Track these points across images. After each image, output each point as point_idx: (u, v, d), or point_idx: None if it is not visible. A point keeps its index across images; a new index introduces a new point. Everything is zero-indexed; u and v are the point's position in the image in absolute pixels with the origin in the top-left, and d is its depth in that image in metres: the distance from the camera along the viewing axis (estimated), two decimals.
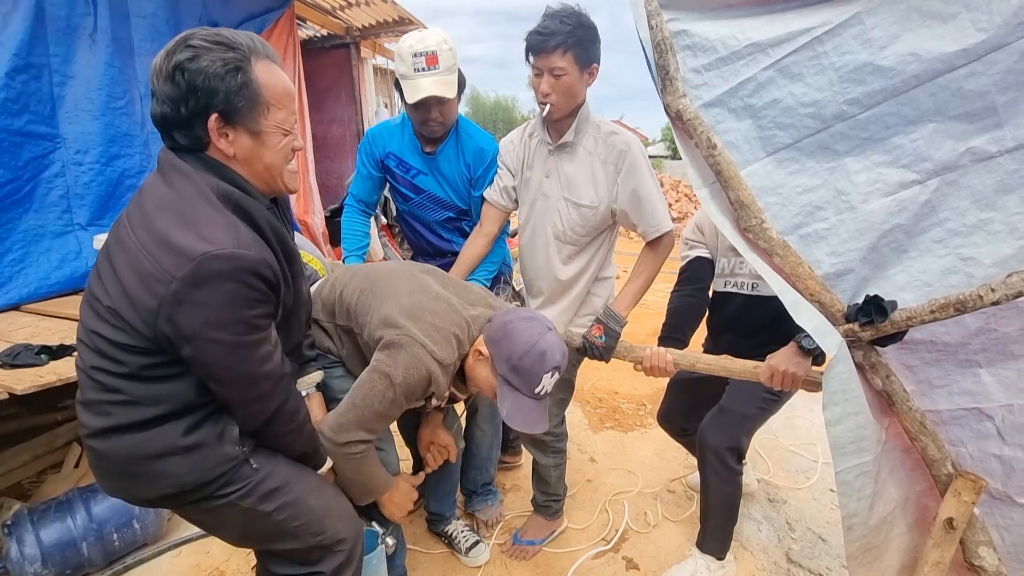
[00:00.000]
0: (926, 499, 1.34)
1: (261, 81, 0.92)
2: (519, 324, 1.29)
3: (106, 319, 0.92)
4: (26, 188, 2.49)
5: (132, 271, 0.88)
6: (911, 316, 1.13)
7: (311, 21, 4.92)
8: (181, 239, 0.86)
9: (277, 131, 0.97)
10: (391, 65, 6.95)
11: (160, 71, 0.89)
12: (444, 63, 1.63)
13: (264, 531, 1.11)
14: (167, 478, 0.98)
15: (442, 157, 1.82)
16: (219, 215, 0.91)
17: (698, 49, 1.26)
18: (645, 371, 1.57)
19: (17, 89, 2.42)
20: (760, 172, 1.26)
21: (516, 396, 1.28)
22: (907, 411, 1.22)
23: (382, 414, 1.27)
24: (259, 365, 0.97)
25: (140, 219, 0.91)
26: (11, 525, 1.72)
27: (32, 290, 2.50)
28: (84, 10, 2.70)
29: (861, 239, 1.21)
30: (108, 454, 0.98)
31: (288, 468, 1.13)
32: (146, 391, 0.95)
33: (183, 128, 0.92)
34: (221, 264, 0.86)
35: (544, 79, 1.51)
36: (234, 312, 0.89)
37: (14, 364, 1.80)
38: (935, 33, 1.06)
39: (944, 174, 1.13)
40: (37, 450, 2.30)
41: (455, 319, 1.32)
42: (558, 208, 1.65)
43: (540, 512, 2.05)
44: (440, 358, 1.25)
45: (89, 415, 0.97)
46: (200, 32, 0.91)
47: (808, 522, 2.14)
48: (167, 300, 0.85)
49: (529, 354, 1.24)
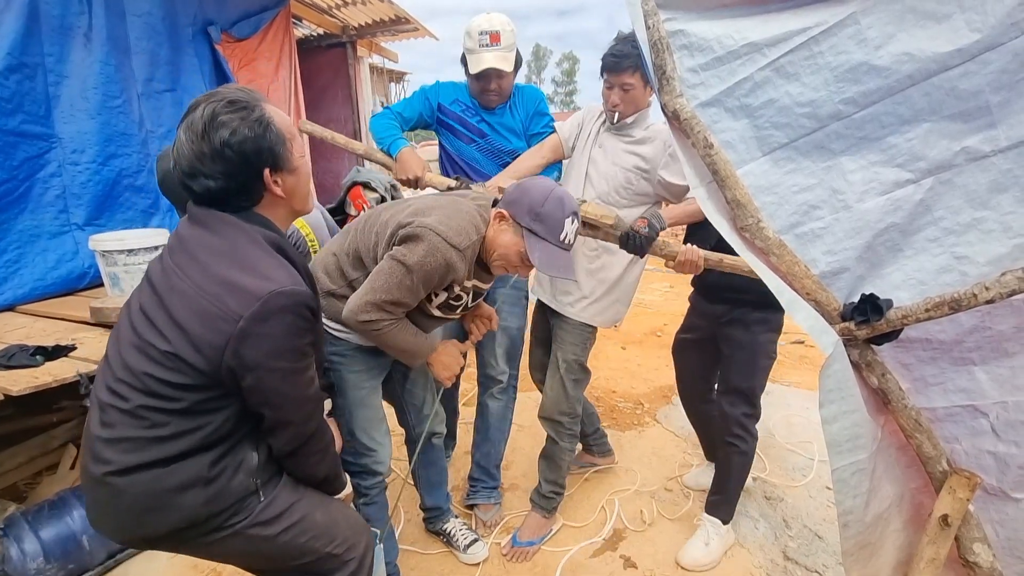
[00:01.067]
0: (921, 496, 1.35)
1: (276, 123, 0.99)
2: (530, 182, 1.42)
3: (162, 363, 0.96)
4: (21, 188, 2.47)
5: (194, 315, 0.94)
6: (906, 315, 1.14)
7: (307, 20, 4.91)
8: (245, 281, 0.95)
9: (300, 158, 1.05)
10: (388, 64, 6.94)
11: (203, 154, 0.94)
12: (505, 41, 1.87)
13: (271, 554, 1.13)
14: (182, 511, 1.01)
15: (500, 113, 2.04)
16: (273, 259, 1.00)
17: (695, 49, 1.26)
18: (677, 267, 1.68)
19: (11, 88, 2.40)
20: (756, 171, 1.27)
21: (544, 245, 1.35)
22: (902, 409, 1.23)
23: (400, 301, 1.33)
24: (306, 388, 1.06)
25: (195, 267, 0.98)
26: (5, 528, 1.71)
27: (27, 291, 2.49)
28: (78, 9, 2.68)
29: (857, 238, 1.21)
30: (125, 490, 0.98)
31: (290, 493, 1.15)
32: (193, 423, 0.99)
33: (243, 193, 1.00)
34: (284, 300, 0.95)
35: (615, 91, 1.80)
36: (291, 342, 0.99)
37: (9, 365, 1.79)
38: (929, 33, 1.07)
39: (938, 173, 1.13)
40: (32, 452, 2.29)
41: (465, 207, 1.40)
42: (606, 173, 1.89)
43: (539, 508, 2.07)
44: (456, 243, 1.31)
45: (116, 452, 0.98)
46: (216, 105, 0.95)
47: (804, 519, 2.15)
48: (235, 336, 0.93)
49: (549, 199, 1.34)
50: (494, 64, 1.85)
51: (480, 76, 1.88)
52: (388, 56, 6.28)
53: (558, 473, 2.04)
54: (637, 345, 4.04)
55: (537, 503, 2.08)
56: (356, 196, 3.53)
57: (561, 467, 2.04)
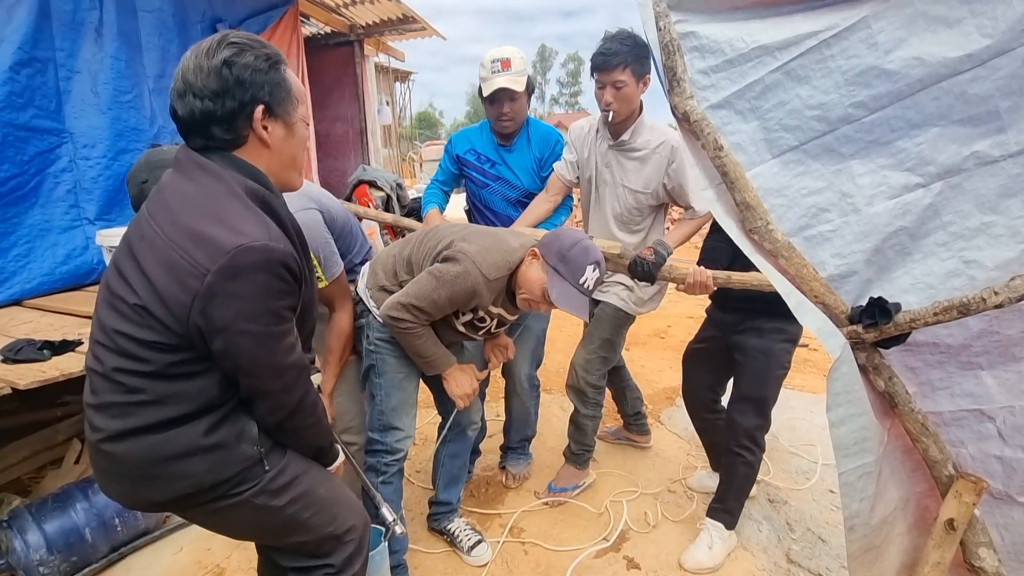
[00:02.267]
0: (927, 500, 1.35)
1: (289, 78, 0.98)
2: (565, 230, 1.61)
3: (131, 318, 0.91)
4: (32, 183, 2.49)
5: (162, 267, 0.89)
6: (914, 318, 1.14)
7: (315, 18, 4.92)
8: (215, 233, 0.87)
9: (303, 123, 1.02)
10: (394, 63, 6.96)
11: (200, 68, 0.89)
12: (515, 67, 2.02)
13: (276, 526, 1.12)
14: (186, 479, 0.98)
15: (515, 148, 2.17)
16: (250, 211, 0.92)
17: (706, 51, 1.26)
18: (687, 288, 1.74)
19: (22, 83, 2.42)
20: (766, 174, 1.27)
21: (563, 284, 1.48)
22: (909, 412, 1.23)
23: (426, 309, 1.50)
24: (285, 356, 0.98)
25: (167, 216, 0.92)
26: (9, 520, 1.72)
27: (35, 285, 2.51)
28: (90, 4, 2.70)
29: (865, 241, 1.22)
30: (124, 457, 0.96)
31: (297, 462, 1.13)
32: (170, 389, 0.95)
33: (225, 122, 0.93)
34: (255, 256, 0.87)
35: (607, 91, 1.82)
36: (266, 303, 0.91)
37: (16, 359, 1.80)
38: (940, 38, 1.07)
39: (948, 178, 1.14)
40: (37, 446, 2.30)
41: (508, 245, 1.57)
42: (617, 194, 2.00)
43: (572, 461, 2.31)
44: (487, 273, 1.49)
45: (104, 418, 0.96)
46: (233, 32, 0.94)
47: (808, 523, 2.15)
48: (201, 293, 0.86)
49: (576, 246, 1.49)
50: (504, 85, 1.99)
51: (493, 99, 2.03)
52: (395, 55, 6.29)
53: (584, 435, 2.26)
54: (640, 347, 4.04)
55: (569, 458, 2.32)
56: (362, 194, 3.54)
57: (587, 431, 2.26)
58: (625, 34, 1.80)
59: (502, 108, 2.04)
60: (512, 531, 2.09)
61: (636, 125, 1.92)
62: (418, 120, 35.53)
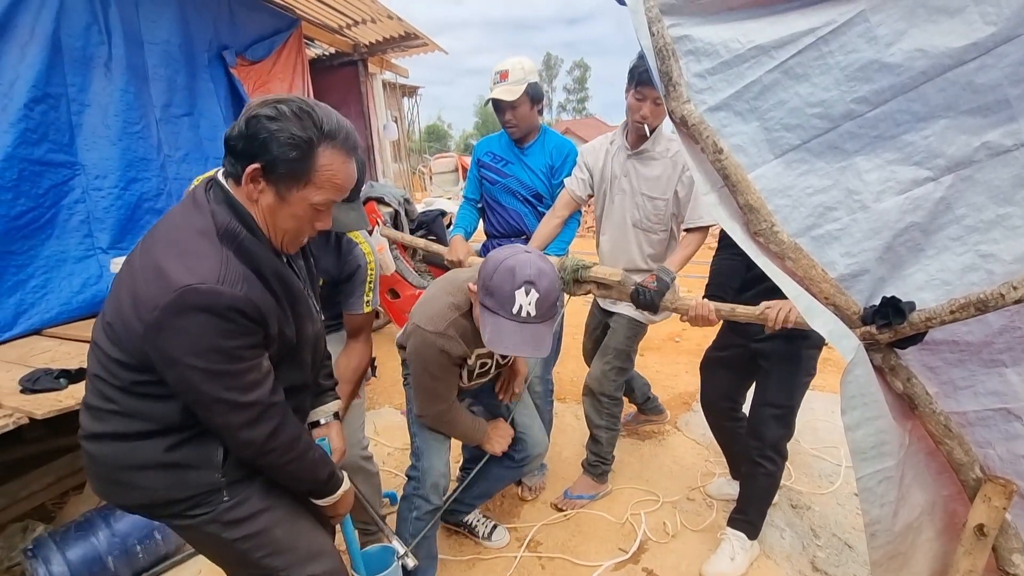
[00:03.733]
0: (954, 504, 1.30)
1: (318, 163, 0.97)
2: (496, 252, 1.35)
3: (107, 333, 0.99)
4: (47, 215, 2.55)
5: (129, 294, 0.94)
6: (931, 317, 1.10)
7: (319, 40, 5.00)
8: (170, 269, 0.90)
9: (305, 205, 1.00)
10: (399, 79, 7.04)
11: (249, 109, 0.97)
12: (513, 77, 2.12)
13: (227, 557, 1.15)
14: (142, 489, 1.04)
15: (529, 152, 2.29)
16: (212, 250, 0.93)
17: (701, 54, 1.25)
18: (690, 321, 1.71)
19: (36, 119, 2.49)
20: (769, 175, 1.25)
21: (495, 319, 1.28)
22: (930, 414, 1.19)
23: (438, 390, 1.49)
24: (242, 393, 0.97)
25: (148, 245, 0.97)
26: (34, 549, 1.74)
27: (54, 315, 2.56)
28: (99, 39, 2.77)
29: (876, 239, 1.18)
30: (97, 458, 1.04)
31: (259, 500, 1.11)
32: (135, 406, 1.00)
33: (232, 157, 0.99)
34: (198, 298, 0.89)
35: (646, 104, 1.85)
36: (211, 341, 0.92)
37: (34, 389, 1.83)
38: (942, 28, 1.05)
39: (959, 170, 1.10)
40: (60, 472, 2.34)
41: (447, 288, 1.47)
42: (636, 201, 2.03)
43: (588, 472, 2.31)
44: (437, 330, 1.41)
45: (87, 418, 1.04)
46: (298, 101, 0.97)
47: (833, 528, 2.08)
48: (151, 325, 0.90)
49: (497, 271, 1.27)
50: (498, 96, 2.12)
51: (495, 108, 2.20)
52: (399, 72, 6.37)
53: (600, 447, 2.26)
54: (655, 352, 3.99)
55: (586, 469, 2.32)
56: (370, 211, 3.57)
57: (602, 442, 2.25)
58: None
59: (504, 116, 2.19)
60: (529, 545, 2.06)
61: (655, 135, 1.95)
62: (427, 133, 35.90)
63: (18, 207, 2.42)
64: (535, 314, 1.27)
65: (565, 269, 1.84)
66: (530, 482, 2.38)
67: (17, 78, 2.42)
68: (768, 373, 1.82)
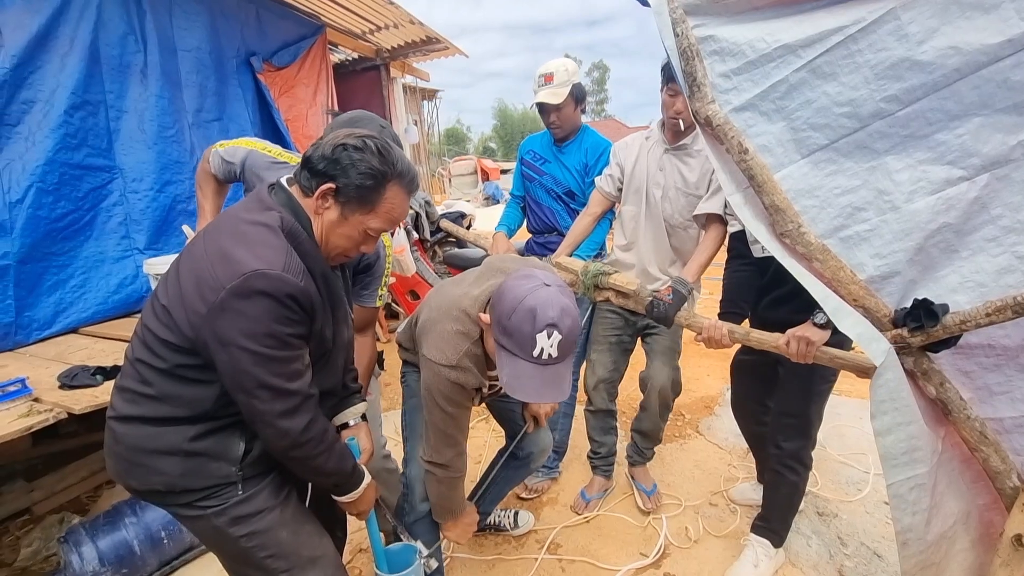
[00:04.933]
0: (990, 513, 1.26)
1: (384, 196, 1.07)
2: (512, 282, 1.21)
3: (159, 316, 1.03)
4: (87, 217, 2.66)
5: (192, 276, 0.98)
6: (965, 319, 1.07)
7: (343, 46, 5.09)
8: (238, 254, 0.96)
9: (361, 229, 1.09)
10: (420, 83, 7.12)
11: (336, 138, 1.07)
12: (557, 79, 2.17)
13: (231, 554, 1.15)
14: (161, 475, 1.06)
15: (567, 151, 2.34)
16: (278, 241, 1.01)
17: (726, 54, 1.24)
18: (704, 342, 1.66)
19: (76, 125, 2.59)
20: (795, 175, 1.23)
21: (514, 362, 1.18)
22: (965, 420, 1.16)
23: (449, 430, 1.40)
24: (287, 380, 1.01)
25: (214, 234, 1.03)
26: (66, 536, 1.81)
27: (91, 314, 2.66)
28: (135, 48, 2.88)
29: (907, 240, 1.16)
30: (121, 438, 1.07)
31: (267, 498, 1.13)
32: (173, 389, 1.04)
33: (309, 174, 1.07)
34: (265, 283, 0.94)
35: (679, 99, 1.80)
36: (268, 326, 0.96)
37: (72, 385, 1.90)
38: (976, 24, 1.02)
39: (994, 169, 1.07)
40: (93, 466, 2.42)
41: (452, 314, 1.34)
42: (670, 196, 1.98)
43: (598, 473, 2.36)
44: (449, 363, 1.30)
45: (119, 399, 1.08)
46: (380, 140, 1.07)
47: (861, 537, 2.03)
48: (215, 306, 0.94)
49: (517, 312, 1.15)
50: (543, 99, 2.18)
51: (540, 111, 2.25)
52: (420, 76, 6.44)
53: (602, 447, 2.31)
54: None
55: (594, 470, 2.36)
56: None
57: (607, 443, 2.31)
58: None
59: (548, 117, 2.24)
60: (549, 547, 2.06)
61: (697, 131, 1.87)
62: (446, 136, 36.18)
63: (59, 210, 2.52)
64: (556, 355, 1.17)
65: (587, 274, 1.82)
66: (531, 482, 2.37)
67: (58, 86, 2.52)
68: (784, 380, 1.77)
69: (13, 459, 2.32)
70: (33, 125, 2.44)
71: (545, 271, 1.29)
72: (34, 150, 2.43)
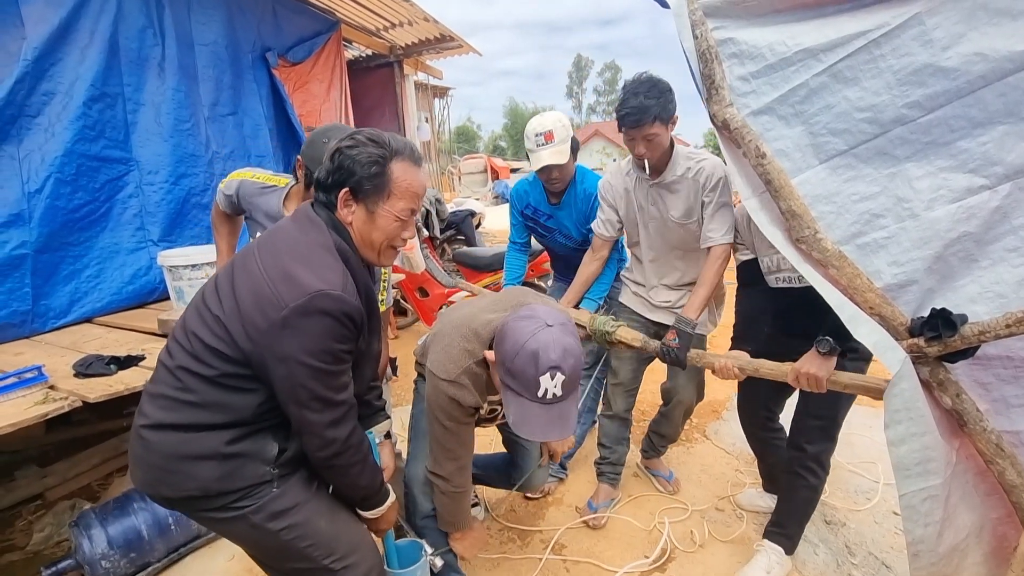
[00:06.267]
0: (1004, 527, 1.24)
1: (393, 176, 1.10)
2: (514, 323, 1.23)
3: (210, 326, 1.05)
4: (103, 208, 2.69)
5: (251, 293, 1.03)
6: (984, 330, 1.06)
7: (357, 42, 5.11)
8: (302, 275, 1.01)
9: (390, 216, 1.12)
10: (432, 80, 7.13)
11: (330, 150, 1.11)
12: (558, 137, 2.10)
13: (270, 548, 1.16)
14: (196, 480, 1.06)
15: (564, 205, 2.30)
16: (336, 263, 1.07)
17: (745, 57, 1.23)
18: (716, 375, 1.70)
19: (94, 117, 2.62)
20: (813, 180, 1.22)
21: (520, 402, 1.20)
22: (981, 432, 1.14)
23: (449, 444, 1.40)
24: (337, 392, 1.08)
25: (271, 253, 1.07)
26: (77, 521, 1.84)
27: (105, 304, 2.69)
28: (153, 41, 2.91)
29: (925, 248, 1.14)
30: (154, 446, 1.06)
31: (300, 491, 1.16)
32: (216, 397, 1.05)
33: (325, 191, 1.13)
34: (328, 303, 1.00)
35: (639, 143, 1.77)
36: (326, 343, 1.02)
37: (87, 374, 1.93)
38: (1004, 31, 1.01)
39: (1017, 178, 1.06)
40: (105, 454, 2.45)
41: (462, 331, 1.36)
42: (668, 227, 1.96)
43: (605, 481, 2.31)
44: (448, 377, 1.32)
45: (153, 407, 1.07)
46: (367, 130, 1.12)
47: (870, 546, 2.01)
48: (276, 323, 0.99)
49: (519, 355, 1.17)
50: (550, 161, 2.10)
51: (541, 171, 2.16)
52: (432, 73, 6.45)
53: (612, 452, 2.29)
54: None
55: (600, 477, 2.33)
56: None
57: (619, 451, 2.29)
58: (648, 84, 1.74)
59: (550, 175, 2.18)
60: (554, 548, 2.06)
61: (672, 162, 1.88)
62: (457, 134, 36.23)
63: (76, 200, 2.56)
64: (560, 394, 1.19)
65: (595, 332, 1.91)
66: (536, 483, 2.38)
67: (77, 78, 2.56)
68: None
69: (27, 445, 2.36)
70: (53, 116, 2.47)
71: (548, 308, 1.29)
72: (53, 141, 2.47)
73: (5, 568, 2.00)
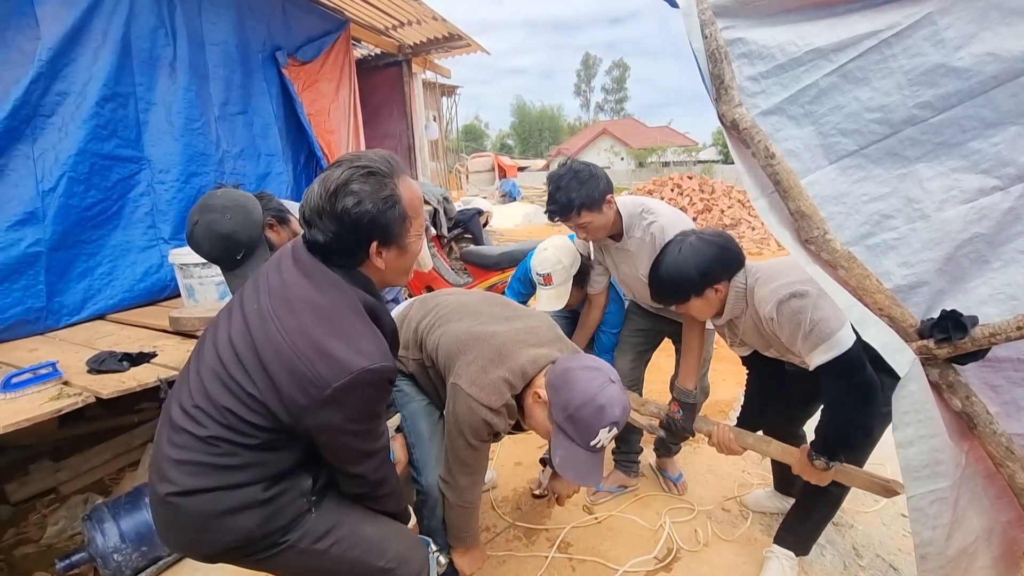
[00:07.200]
0: (1014, 530, 1.23)
1: (403, 199, 1.03)
2: (581, 373, 1.27)
3: (246, 403, 1.00)
4: (115, 207, 2.73)
5: (286, 371, 0.97)
6: (995, 332, 1.05)
7: (365, 41, 5.13)
8: (339, 352, 0.97)
9: (415, 237, 1.09)
10: (440, 79, 7.14)
11: (324, 211, 0.99)
12: (557, 279, 2.16)
13: (326, 567, 1.15)
14: (237, 532, 1.03)
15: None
16: (367, 328, 1.03)
17: (755, 57, 1.23)
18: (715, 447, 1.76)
19: (106, 116, 2.65)
20: (823, 181, 1.21)
21: (571, 446, 1.26)
22: (990, 435, 1.14)
23: (469, 460, 1.42)
24: (375, 442, 1.12)
25: (295, 324, 0.99)
26: (90, 515, 1.87)
27: (117, 301, 2.73)
28: (165, 41, 2.94)
29: (936, 249, 1.14)
30: (185, 510, 1.01)
31: (338, 505, 1.18)
32: (260, 458, 1.04)
33: (343, 254, 1.04)
34: (373, 376, 0.99)
35: (576, 230, 1.87)
36: (369, 408, 1.05)
37: (100, 370, 1.95)
38: (1017, 31, 1.00)
39: None
40: (117, 449, 2.49)
41: (496, 359, 1.37)
42: (644, 282, 1.87)
43: (619, 468, 2.38)
44: (488, 403, 1.33)
45: (182, 474, 1.00)
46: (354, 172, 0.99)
47: (877, 548, 2.00)
48: (319, 400, 0.97)
49: (587, 405, 1.23)
50: (547, 308, 2.16)
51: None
52: (441, 72, 6.46)
53: (628, 445, 2.34)
54: None
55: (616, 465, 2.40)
56: None
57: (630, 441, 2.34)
58: (569, 176, 1.77)
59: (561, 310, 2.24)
60: (560, 546, 2.07)
61: (627, 228, 1.93)
62: (464, 133, 36.24)
63: (89, 199, 2.59)
64: (603, 446, 1.28)
65: None
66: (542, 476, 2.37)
67: (90, 78, 2.59)
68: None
69: (41, 440, 2.40)
70: (66, 116, 2.51)
71: (605, 364, 1.35)
72: (66, 140, 2.50)
73: (20, 560, 2.03)
